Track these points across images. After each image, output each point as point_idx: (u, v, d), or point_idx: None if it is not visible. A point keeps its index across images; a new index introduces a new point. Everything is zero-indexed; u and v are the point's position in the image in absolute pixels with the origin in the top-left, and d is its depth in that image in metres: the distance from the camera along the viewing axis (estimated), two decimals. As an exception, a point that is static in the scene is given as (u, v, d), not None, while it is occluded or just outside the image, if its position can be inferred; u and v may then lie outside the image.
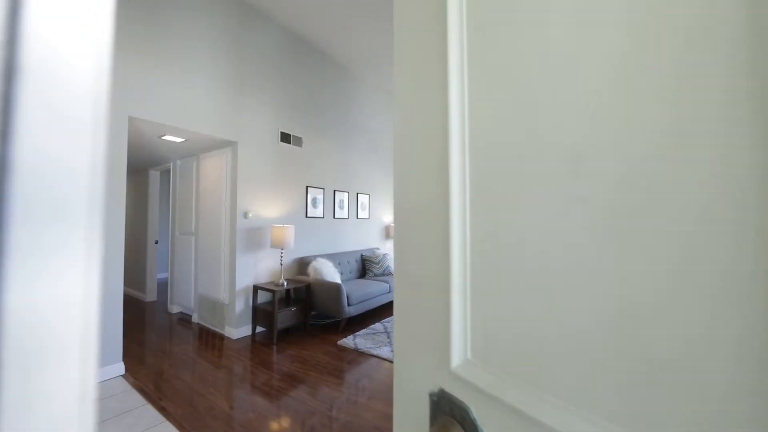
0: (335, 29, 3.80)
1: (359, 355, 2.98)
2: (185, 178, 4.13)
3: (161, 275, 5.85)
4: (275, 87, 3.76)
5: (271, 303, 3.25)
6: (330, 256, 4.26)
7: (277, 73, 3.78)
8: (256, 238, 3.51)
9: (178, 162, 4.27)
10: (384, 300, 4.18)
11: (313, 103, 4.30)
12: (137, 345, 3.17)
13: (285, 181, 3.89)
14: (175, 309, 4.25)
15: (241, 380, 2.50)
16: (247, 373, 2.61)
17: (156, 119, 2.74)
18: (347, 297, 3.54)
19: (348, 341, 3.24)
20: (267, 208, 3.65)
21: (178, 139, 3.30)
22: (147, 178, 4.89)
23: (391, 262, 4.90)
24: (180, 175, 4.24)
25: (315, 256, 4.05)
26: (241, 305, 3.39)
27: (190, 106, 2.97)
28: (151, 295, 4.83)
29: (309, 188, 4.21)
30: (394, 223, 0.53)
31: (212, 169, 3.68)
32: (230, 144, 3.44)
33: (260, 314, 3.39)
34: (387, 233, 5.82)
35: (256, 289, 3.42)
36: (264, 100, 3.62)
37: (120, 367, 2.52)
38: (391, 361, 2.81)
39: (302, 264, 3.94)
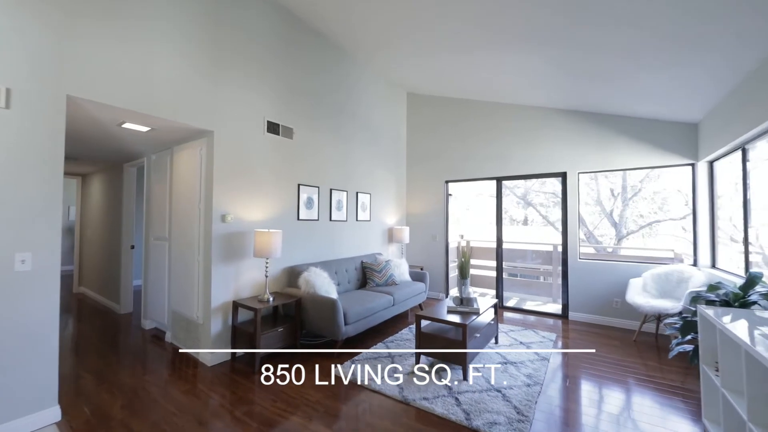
0: (333, 4, 3.25)
1: (359, 390, 2.44)
2: (160, 175, 3.59)
3: (139, 284, 5.33)
4: (261, 69, 3.22)
5: (253, 322, 2.71)
6: (325, 265, 3.73)
7: (263, 53, 3.24)
8: (236, 245, 2.98)
9: (153, 156, 3.74)
10: (387, 315, 3.65)
11: (306, 89, 3.76)
12: (92, 375, 2.64)
13: (272, 179, 3.35)
14: (148, 324, 3.72)
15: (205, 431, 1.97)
16: (215, 418, 2.08)
17: (108, 101, 2.21)
18: (344, 314, 3.01)
19: (345, 368, 2.71)
20: (250, 209, 3.12)
21: (143, 128, 2.76)
22: (121, 174, 4.36)
23: (395, 270, 4.37)
24: (154, 171, 3.71)
25: (308, 265, 3.51)
26: (219, 325, 2.86)
27: (154, 86, 2.43)
28: (125, 306, 4.31)
29: (301, 187, 3.68)
30: None
31: (185, 164, 3.15)
32: (205, 134, 2.90)
33: (241, 336, 2.86)
34: (390, 237, 5.28)
35: (236, 305, 2.89)
36: (247, 84, 3.09)
37: (54, 413, 1.99)
38: (400, 401, 2.27)
39: (293, 274, 3.40)
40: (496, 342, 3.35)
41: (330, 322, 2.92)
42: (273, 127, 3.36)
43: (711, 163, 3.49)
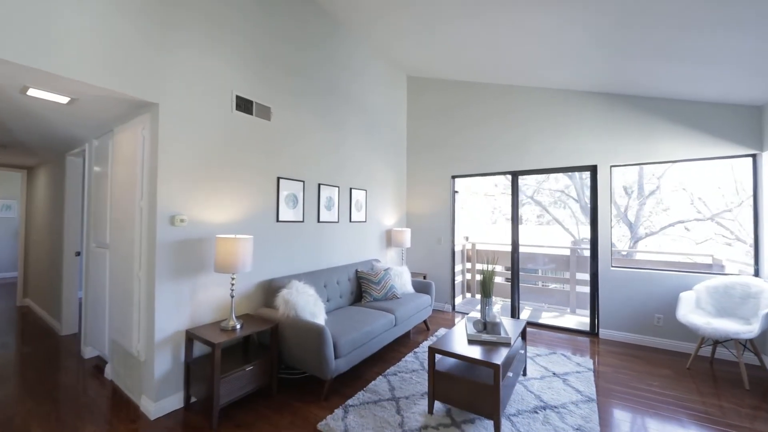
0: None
1: (352, 459, 1.76)
2: (101, 166, 2.85)
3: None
4: (230, 32, 2.51)
5: (210, 362, 2.00)
6: (312, 277, 3.03)
7: (233, 15, 2.52)
8: (192, 255, 2.27)
9: (95, 142, 2.99)
10: (388, 338, 2.97)
11: (290, 62, 3.05)
12: (-17, 437, 1.91)
13: (244, 170, 2.64)
14: (89, 352, 2.98)
15: None
16: None
17: (-13, 50, 1.48)
18: (334, 345, 2.32)
19: (335, 421, 2.02)
20: (212, 209, 2.40)
21: (60, 98, 2.03)
22: (64, 166, 3.59)
23: (396, 280, 3.69)
24: (96, 160, 2.96)
25: (289, 278, 2.81)
26: (166, 362, 2.14)
27: (67, 38, 1.70)
28: (68, 327, 3.54)
29: (282, 181, 2.97)
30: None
31: (126, 149, 2.41)
32: (147, 108, 2.18)
33: (198, 376, 2.15)
34: (389, 240, 4.60)
35: (190, 337, 2.18)
36: (210, 49, 2.37)
37: None
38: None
39: (270, 290, 2.70)
40: (524, 374, 2.70)
41: (316, 356, 2.23)
42: (244, 105, 2.64)
43: (780, 154, 2.89)
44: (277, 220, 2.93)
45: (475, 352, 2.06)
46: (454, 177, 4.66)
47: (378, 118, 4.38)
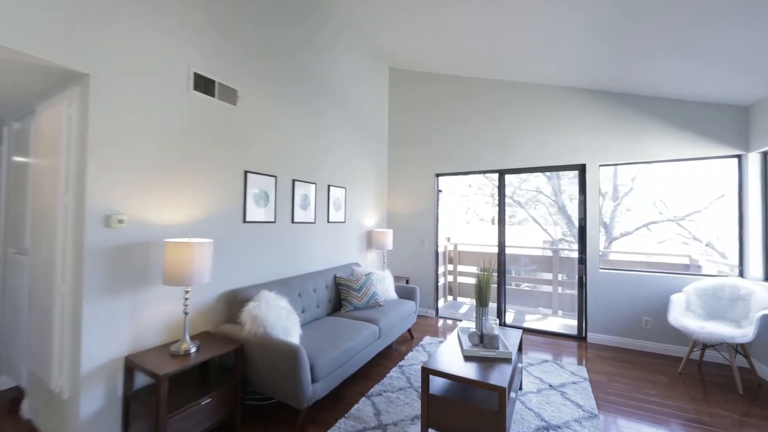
0: None
1: None
2: (22, 154, 2.33)
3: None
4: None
5: (155, 397, 1.59)
6: (285, 285, 2.67)
7: (186, -32, 2.12)
8: (135, 264, 1.84)
9: (15, 125, 2.45)
10: (371, 353, 2.66)
11: (261, 42, 2.67)
12: None
13: (203, 161, 2.24)
14: (3, 383, 2.43)
15: None
16: None
17: None
18: (312, 367, 1.98)
19: (312, 463, 1.69)
20: (161, 207, 1.99)
21: (-51, 61, 1.55)
22: (-21, 155, 2.97)
23: (378, 286, 3.39)
24: (16, 148, 2.43)
25: (258, 287, 2.44)
26: (98, 399, 1.71)
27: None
28: (-17, 349, 2.92)
29: (250, 175, 2.59)
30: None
31: (47, 131, 1.94)
32: (76, 80, 1.74)
33: (137, 415, 1.74)
34: (369, 242, 4.29)
35: (130, 366, 1.76)
36: (163, 12, 1.96)
37: None
38: None
39: (235, 303, 2.31)
40: (520, 387, 2.49)
41: (289, 382, 1.88)
42: (204, 84, 2.24)
43: (765, 155, 2.89)
44: (245, 221, 2.54)
45: (474, 371, 1.81)
46: (438, 175, 4.43)
47: (359, 111, 4.06)
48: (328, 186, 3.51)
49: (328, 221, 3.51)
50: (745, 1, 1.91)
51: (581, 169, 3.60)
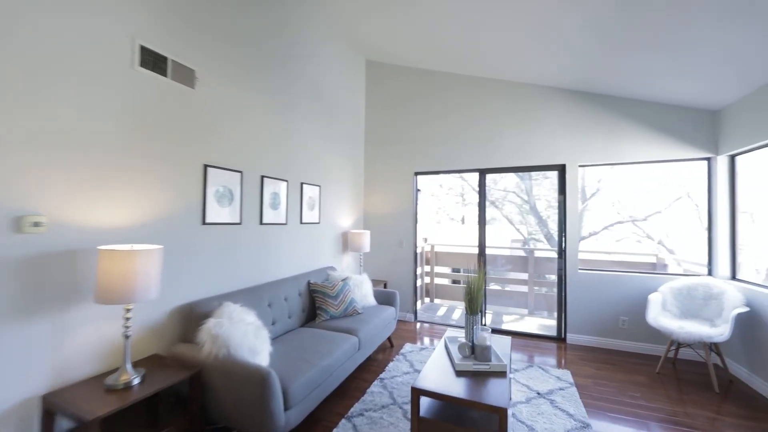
0: None
1: None
2: None
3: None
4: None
5: (85, 444, 1.26)
6: (251, 294, 2.36)
7: None
8: (59, 276, 1.48)
9: None
10: (350, 367, 2.42)
11: (226, 19, 2.34)
12: None
13: (151, 151, 1.88)
14: None
15: None
16: None
17: None
18: (284, 393, 1.71)
19: None
20: (95, 207, 1.62)
21: None
22: None
23: (355, 292, 3.16)
24: None
25: (221, 298, 2.12)
26: (6, 451, 1.34)
27: None
28: None
29: (211, 170, 2.25)
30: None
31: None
32: (-29, 40, 1.35)
33: (62, 466, 1.38)
34: (345, 244, 4.03)
35: (49, 408, 1.39)
36: (92, -35, 1.59)
37: None
38: None
39: (192, 318, 1.97)
40: (509, 398, 2.36)
41: (257, 411, 1.60)
42: (154, 60, 1.89)
43: (732, 158, 2.99)
44: (204, 222, 2.20)
45: (469, 388, 1.63)
46: (417, 173, 4.27)
47: (334, 104, 3.79)
48: (301, 183, 3.21)
49: (301, 222, 3.22)
50: (718, 11, 1.89)
51: (561, 169, 3.58)
